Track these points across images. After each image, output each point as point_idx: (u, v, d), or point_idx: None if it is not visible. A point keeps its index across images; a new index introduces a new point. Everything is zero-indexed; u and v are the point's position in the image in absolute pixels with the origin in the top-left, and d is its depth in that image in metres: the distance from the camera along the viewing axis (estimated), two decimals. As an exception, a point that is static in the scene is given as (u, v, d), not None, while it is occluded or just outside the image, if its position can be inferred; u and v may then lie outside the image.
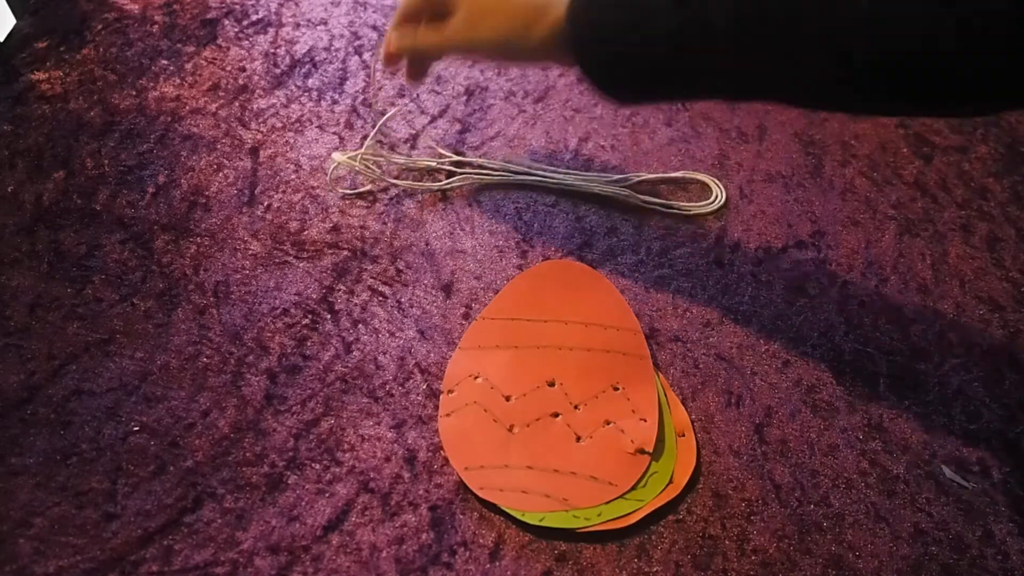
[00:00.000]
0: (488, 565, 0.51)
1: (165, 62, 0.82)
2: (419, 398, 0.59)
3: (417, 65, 0.62)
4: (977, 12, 0.36)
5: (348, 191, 0.71)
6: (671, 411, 0.58)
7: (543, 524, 0.53)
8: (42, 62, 0.82)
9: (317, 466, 0.56)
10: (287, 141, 0.76)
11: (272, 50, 0.84)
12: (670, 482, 0.54)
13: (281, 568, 0.51)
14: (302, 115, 0.78)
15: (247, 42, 0.85)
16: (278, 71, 0.82)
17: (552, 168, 0.73)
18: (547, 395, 0.58)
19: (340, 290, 0.65)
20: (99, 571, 0.51)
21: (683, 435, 0.57)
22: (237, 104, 0.79)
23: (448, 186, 0.72)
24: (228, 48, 0.84)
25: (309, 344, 0.62)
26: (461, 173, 0.72)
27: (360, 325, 0.63)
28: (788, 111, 0.78)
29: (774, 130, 0.77)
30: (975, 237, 0.68)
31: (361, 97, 0.79)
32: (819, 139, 0.76)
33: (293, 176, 0.73)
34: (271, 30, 0.86)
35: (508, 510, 0.53)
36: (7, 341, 0.62)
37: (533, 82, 0.81)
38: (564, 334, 0.59)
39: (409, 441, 0.57)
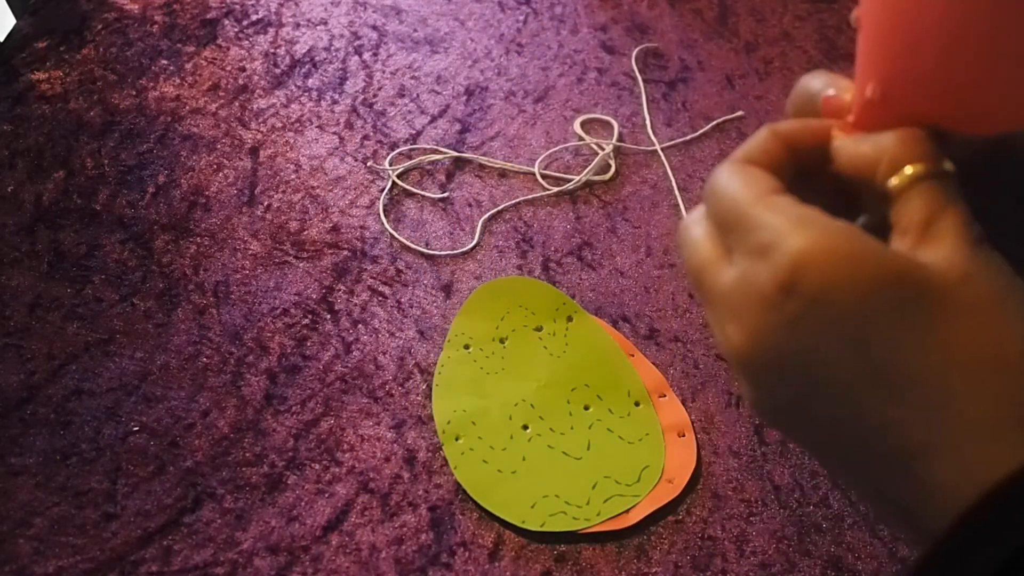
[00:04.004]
0: (487, 566, 0.51)
1: (165, 62, 0.82)
2: (419, 398, 0.59)
3: None
4: None
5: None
6: (671, 412, 0.58)
7: (543, 529, 0.53)
8: (42, 62, 0.82)
9: (317, 466, 0.56)
10: (287, 141, 0.76)
11: (272, 50, 0.84)
12: (662, 476, 0.54)
13: (280, 568, 0.51)
14: (302, 115, 0.78)
15: (247, 42, 0.85)
16: (278, 71, 0.82)
17: (551, 169, 0.73)
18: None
19: (340, 290, 0.65)
20: (99, 571, 0.51)
21: (683, 435, 0.57)
22: (237, 104, 0.79)
23: (447, 187, 0.72)
24: (228, 48, 0.84)
25: (309, 344, 0.62)
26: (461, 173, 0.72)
27: (360, 325, 0.63)
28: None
29: (774, 130, 0.77)
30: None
31: (361, 97, 0.79)
32: (819, 139, 0.76)
33: (293, 176, 0.73)
34: (271, 30, 0.86)
35: (508, 518, 0.53)
36: (7, 341, 0.62)
37: (533, 82, 0.81)
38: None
39: (409, 441, 0.57)
